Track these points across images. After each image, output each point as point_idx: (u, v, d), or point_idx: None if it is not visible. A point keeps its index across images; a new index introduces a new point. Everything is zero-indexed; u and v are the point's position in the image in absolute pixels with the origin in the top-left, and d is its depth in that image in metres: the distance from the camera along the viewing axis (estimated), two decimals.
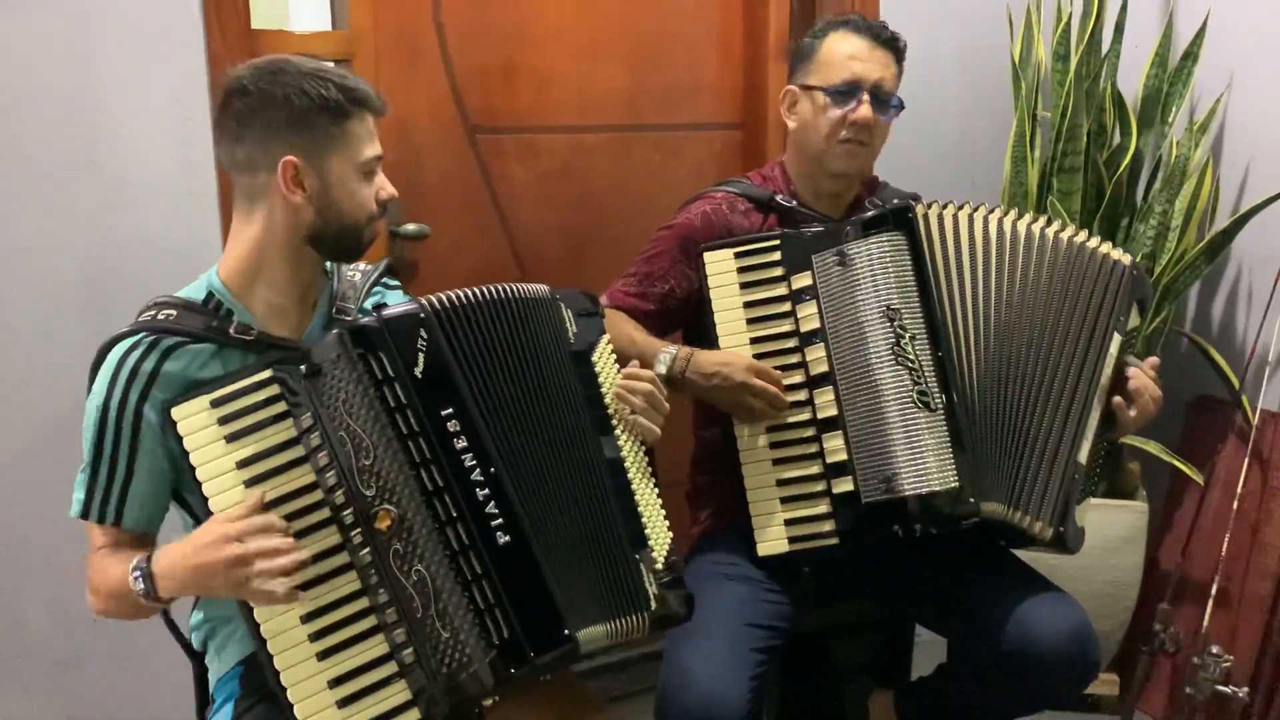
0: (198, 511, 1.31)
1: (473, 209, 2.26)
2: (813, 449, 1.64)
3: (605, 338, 1.51)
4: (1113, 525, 2.32)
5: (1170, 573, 2.32)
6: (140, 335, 1.31)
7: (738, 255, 1.68)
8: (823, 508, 1.63)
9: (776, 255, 1.67)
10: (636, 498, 1.44)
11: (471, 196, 2.26)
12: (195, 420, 1.26)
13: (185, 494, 1.35)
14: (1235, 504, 2.20)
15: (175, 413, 1.26)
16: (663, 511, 1.47)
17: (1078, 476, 1.64)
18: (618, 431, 1.45)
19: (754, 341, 1.66)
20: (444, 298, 1.33)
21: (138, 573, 1.24)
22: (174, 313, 1.34)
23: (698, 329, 1.73)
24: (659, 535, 1.45)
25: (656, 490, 1.48)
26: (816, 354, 1.64)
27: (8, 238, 1.79)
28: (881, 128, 1.76)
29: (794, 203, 1.80)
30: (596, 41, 2.29)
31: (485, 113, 2.23)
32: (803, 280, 1.66)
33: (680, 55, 2.39)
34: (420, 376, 1.28)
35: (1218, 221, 2.33)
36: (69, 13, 1.78)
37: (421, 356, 1.29)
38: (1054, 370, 1.65)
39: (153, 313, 1.35)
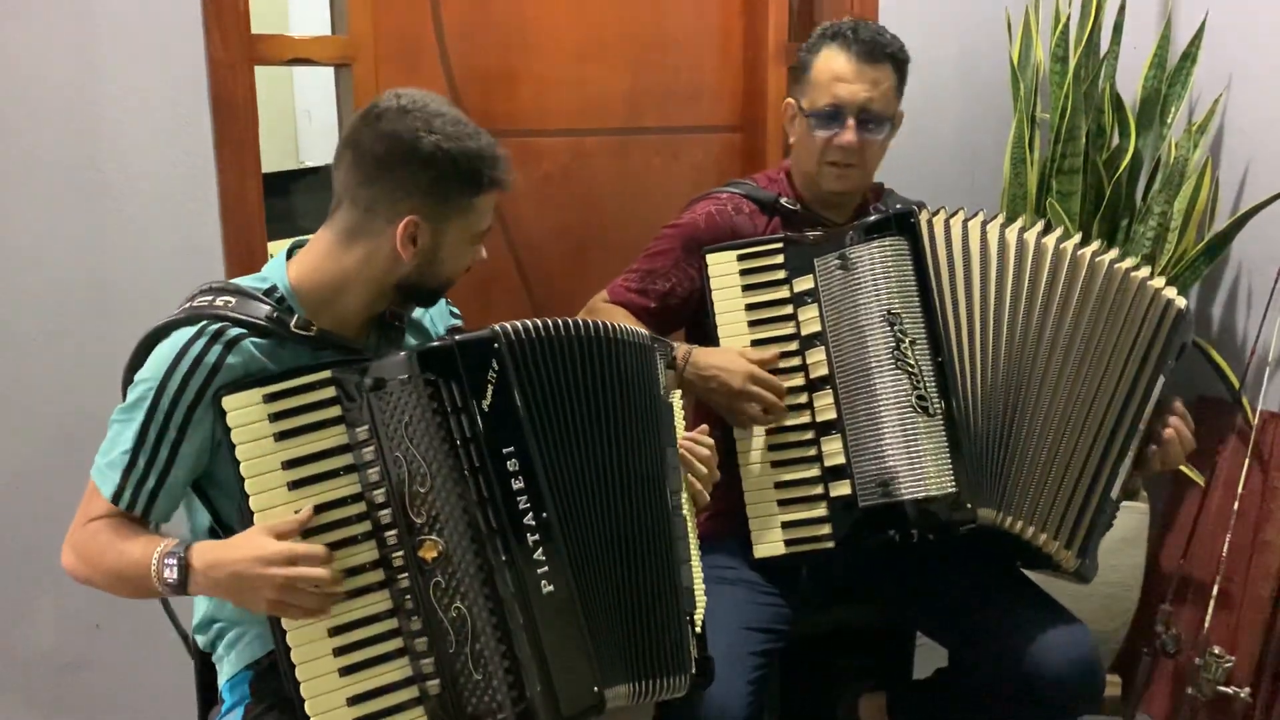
0: (219, 507, 1.30)
1: None
2: (811, 452, 1.64)
3: (678, 391, 1.50)
4: (1114, 526, 2.32)
5: (1171, 573, 2.32)
6: (203, 324, 1.28)
7: (741, 258, 1.68)
8: (820, 511, 1.63)
9: (779, 258, 1.67)
10: (693, 560, 1.43)
11: None
12: (246, 413, 1.22)
13: (209, 487, 1.32)
14: (1236, 504, 2.20)
15: (227, 402, 1.22)
16: (701, 574, 1.47)
17: (1108, 511, 1.64)
18: (684, 490, 1.44)
19: (755, 344, 1.66)
20: (523, 328, 1.30)
21: (173, 560, 1.21)
22: (232, 299, 1.30)
23: (700, 329, 1.73)
24: (700, 597, 1.44)
25: (698, 550, 1.48)
26: (817, 357, 1.64)
27: (9, 243, 1.80)
28: (872, 147, 1.73)
29: (798, 206, 1.79)
30: (596, 45, 2.30)
31: (485, 116, 2.21)
32: (805, 283, 1.65)
33: (680, 58, 2.39)
34: (487, 410, 1.25)
35: (1217, 222, 2.33)
36: (71, 18, 1.78)
37: (490, 389, 1.25)
38: (1091, 400, 1.62)
39: (209, 298, 1.31)
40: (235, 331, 1.28)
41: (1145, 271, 1.67)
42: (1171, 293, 1.67)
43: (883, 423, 1.60)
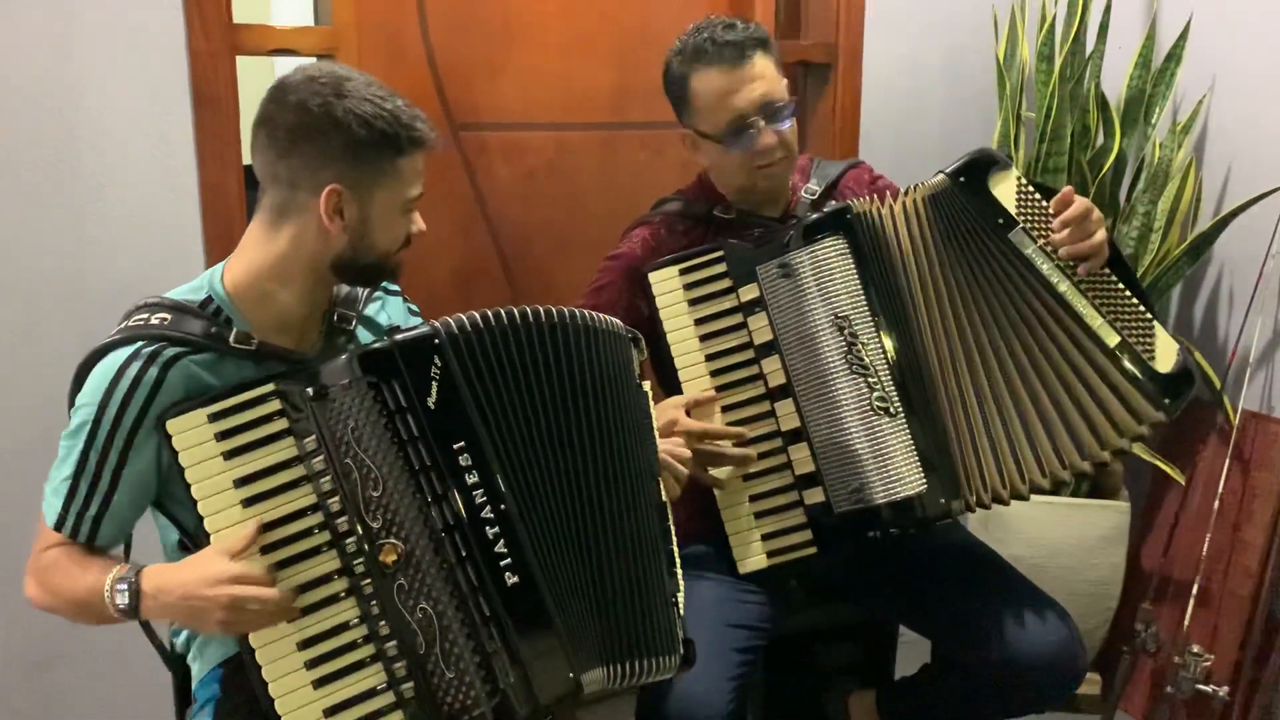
0: (185, 524, 1.27)
1: (456, 206, 2.25)
2: (781, 460, 1.62)
3: (648, 381, 1.48)
4: (1094, 525, 2.33)
5: (1152, 572, 2.33)
6: (139, 345, 1.25)
7: (683, 272, 1.64)
8: (797, 519, 1.62)
9: (722, 267, 1.63)
10: (671, 541, 1.42)
11: (455, 194, 2.25)
12: (192, 435, 1.20)
13: (170, 504, 1.30)
14: (1216, 503, 2.20)
15: (171, 425, 1.20)
16: (678, 553, 1.46)
17: (1128, 356, 1.59)
18: (660, 475, 1.43)
19: (709, 358, 1.63)
20: (466, 320, 1.27)
21: (124, 586, 1.19)
22: (167, 316, 1.27)
23: (654, 354, 1.69)
24: (679, 577, 1.43)
25: (675, 536, 1.47)
26: (773, 366, 1.62)
27: None
28: (789, 133, 1.68)
29: (733, 214, 1.75)
30: (582, 39, 2.28)
31: (469, 109, 2.22)
32: (751, 292, 1.63)
33: (666, 53, 2.38)
34: (433, 408, 1.23)
35: (1200, 223, 2.34)
36: (49, 6, 1.76)
37: (435, 386, 1.24)
38: (1011, 322, 1.60)
39: (145, 316, 1.28)
40: (172, 351, 1.25)
41: (934, 181, 1.62)
42: (939, 177, 1.62)
43: (847, 428, 1.59)
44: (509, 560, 1.24)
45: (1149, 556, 2.41)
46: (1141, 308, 1.62)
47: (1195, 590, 2.18)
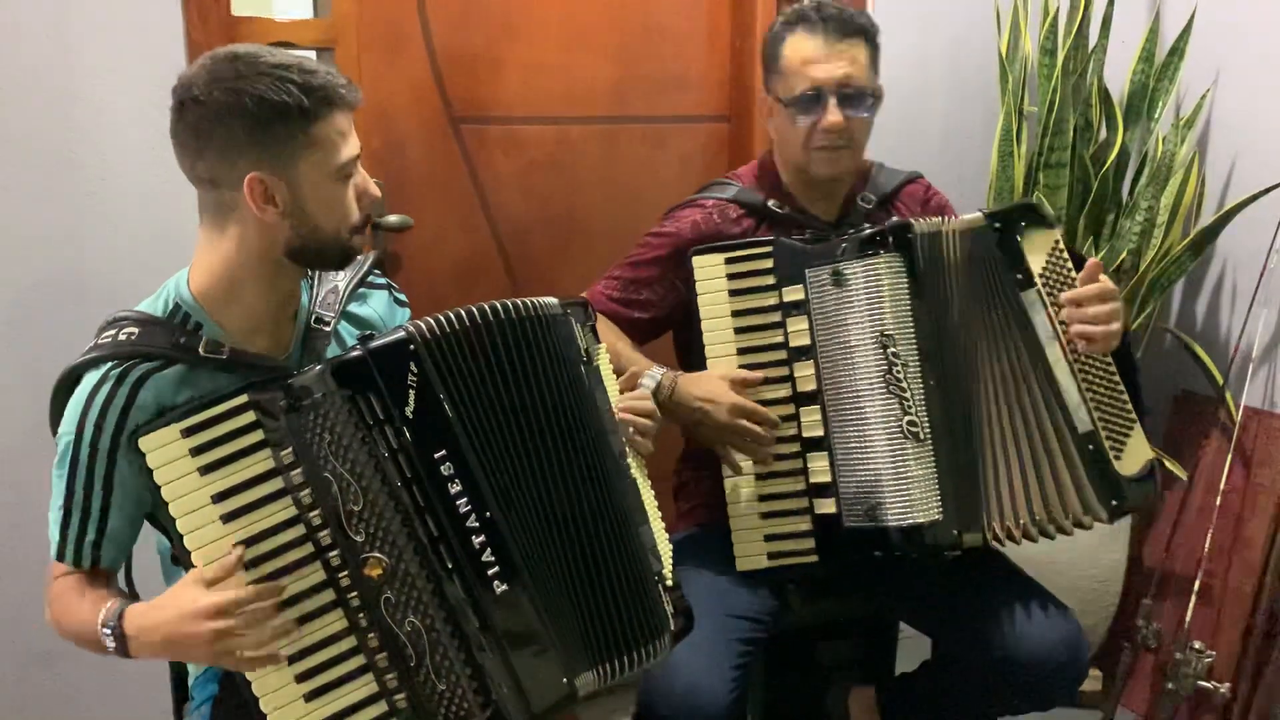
0: (173, 538, 1.25)
1: (456, 200, 2.24)
2: (796, 465, 1.61)
3: (602, 346, 1.44)
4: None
5: (1153, 569, 2.32)
6: (107, 368, 1.21)
7: (728, 261, 1.62)
8: (804, 525, 1.61)
9: (769, 263, 1.61)
10: (650, 516, 1.40)
11: (455, 188, 2.24)
12: (166, 451, 1.16)
13: (161, 517, 1.25)
14: (1218, 500, 2.20)
15: (144, 443, 1.16)
16: (662, 523, 1.44)
17: (1093, 446, 1.58)
18: (629, 448, 1.41)
19: (741, 352, 1.62)
20: (436, 323, 1.23)
21: (108, 631, 1.17)
22: (135, 330, 1.24)
23: (686, 335, 1.68)
24: (665, 549, 1.42)
25: (655, 499, 1.45)
26: (805, 371, 1.60)
27: None
28: (859, 124, 1.68)
29: (787, 208, 1.74)
30: (583, 32, 2.28)
31: (469, 103, 2.21)
32: (795, 293, 1.60)
33: (667, 47, 2.37)
34: (411, 416, 1.20)
35: (1203, 218, 2.33)
36: (48, 1, 1.75)
37: (412, 394, 1.20)
38: (1001, 374, 1.60)
39: (112, 333, 1.25)
40: (141, 369, 1.22)
41: (969, 217, 1.61)
42: (970, 216, 1.61)
43: (871, 446, 1.56)
44: (496, 569, 1.22)
45: (1150, 552, 2.41)
46: (1129, 407, 1.61)
47: (1197, 586, 2.18)
